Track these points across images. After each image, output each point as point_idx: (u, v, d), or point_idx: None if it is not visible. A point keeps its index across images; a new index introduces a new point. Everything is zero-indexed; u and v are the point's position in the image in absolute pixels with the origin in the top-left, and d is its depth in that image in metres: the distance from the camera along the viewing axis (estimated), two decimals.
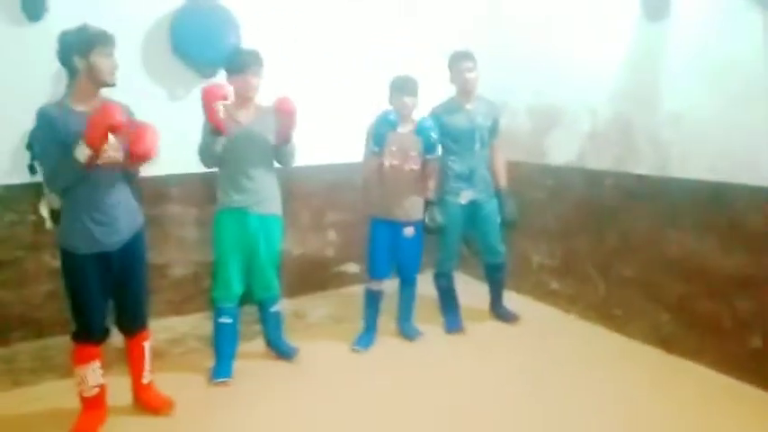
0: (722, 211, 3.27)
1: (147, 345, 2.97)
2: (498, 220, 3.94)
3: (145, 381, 2.99)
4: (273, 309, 3.52)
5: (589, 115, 4.02)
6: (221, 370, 3.30)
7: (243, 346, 3.58)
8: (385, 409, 3.06)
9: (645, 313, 3.73)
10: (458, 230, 3.88)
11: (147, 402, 2.98)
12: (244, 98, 3.23)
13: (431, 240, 3.87)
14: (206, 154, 3.17)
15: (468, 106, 3.81)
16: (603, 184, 3.92)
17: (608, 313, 3.95)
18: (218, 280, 3.32)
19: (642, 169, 3.68)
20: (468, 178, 3.82)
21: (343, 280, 4.76)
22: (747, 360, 3.22)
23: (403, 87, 3.52)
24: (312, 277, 4.60)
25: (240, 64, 3.17)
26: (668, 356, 3.58)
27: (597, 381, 3.32)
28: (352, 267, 4.77)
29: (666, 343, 3.61)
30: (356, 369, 3.49)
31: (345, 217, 4.66)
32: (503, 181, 3.97)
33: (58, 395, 3.03)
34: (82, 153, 2.46)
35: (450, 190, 3.82)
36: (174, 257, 4.18)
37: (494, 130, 3.91)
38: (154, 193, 4.00)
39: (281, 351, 3.56)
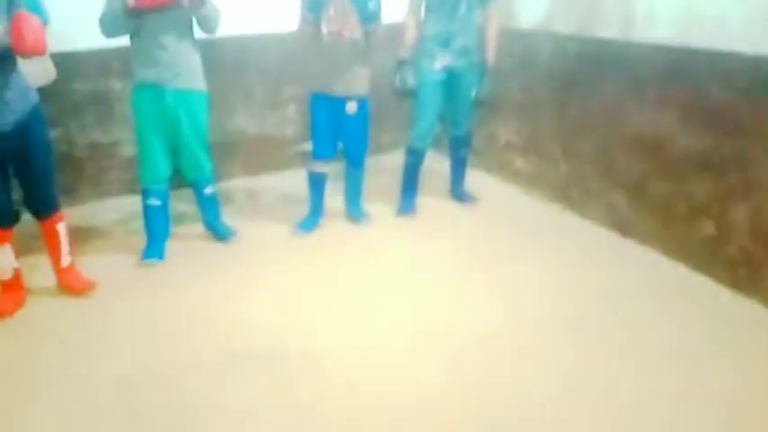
0: (683, 81, 2.88)
1: (60, 227, 2.90)
2: (473, 94, 3.56)
3: (63, 264, 2.96)
4: (207, 190, 3.40)
5: None
6: (150, 251, 3.26)
7: (183, 228, 3.54)
8: (315, 291, 2.99)
9: (602, 195, 3.47)
10: (433, 101, 3.56)
11: (66, 285, 2.97)
12: None
13: (406, 114, 3.64)
14: (112, 26, 2.93)
15: None
16: (569, 51, 3.51)
17: (567, 194, 3.71)
18: (141, 161, 3.20)
19: (607, 33, 3.26)
20: (444, 42, 3.44)
21: (305, 160, 4.57)
22: (700, 248, 2.97)
23: None
24: (270, 157, 4.43)
25: None
26: (623, 240, 3.37)
27: (540, 263, 3.16)
28: None
29: (622, 226, 3.38)
30: (292, 251, 3.40)
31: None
32: (489, 54, 3.50)
33: None
34: None
35: (425, 52, 3.49)
36: (122, 136, 4.04)
37: None
38: (95, 68, 3.82)
39: (216, 233, 3.49)
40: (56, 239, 2.91)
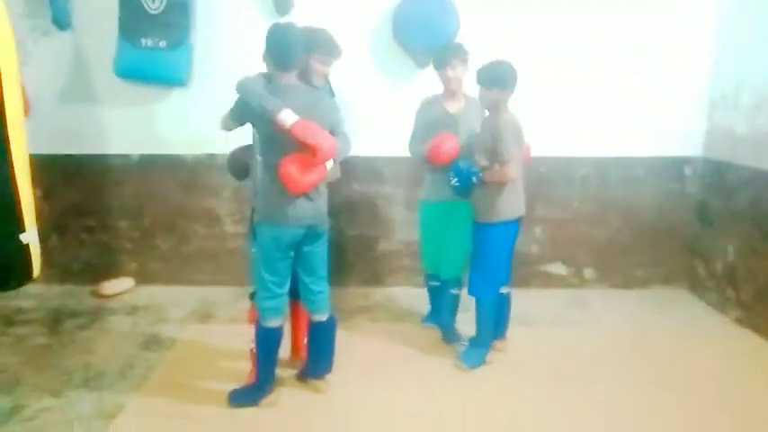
0: None
1: None
2: None
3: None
4: (453, 291, 3.57)
5: None
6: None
7: None
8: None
9: None
10: None
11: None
12: (449, 90, 3.39)
13: None
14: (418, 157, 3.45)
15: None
16: None
17: None
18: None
19: None
20: None
21: (547, 281, 4.53)
22: None
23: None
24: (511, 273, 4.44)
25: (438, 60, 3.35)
26: None
27: None
28: (558, 268, 4.51)
29: None
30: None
31: (555, 213, 4.43)
32: None
33: None
34: (286, 119, 2.60)
35: None
36: (380, 233, 4.47)
37: None
38: (370, 173, 4.34)
39: (445, 333, 3.62)
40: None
